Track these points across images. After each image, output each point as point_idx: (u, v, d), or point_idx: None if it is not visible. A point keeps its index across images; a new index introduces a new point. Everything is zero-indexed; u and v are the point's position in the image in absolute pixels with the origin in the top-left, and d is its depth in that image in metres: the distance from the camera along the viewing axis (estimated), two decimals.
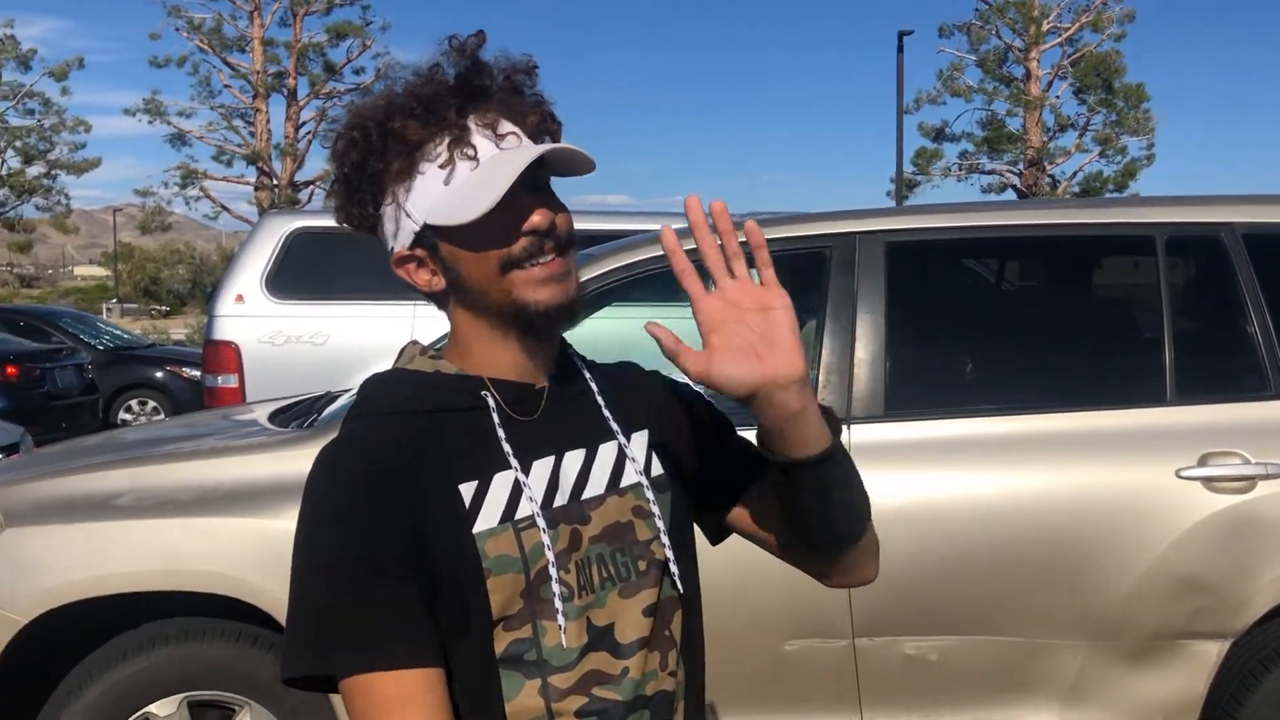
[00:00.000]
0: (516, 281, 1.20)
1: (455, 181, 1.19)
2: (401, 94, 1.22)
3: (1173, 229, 3.13)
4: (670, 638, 1.29)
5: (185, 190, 25.99)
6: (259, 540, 2.88)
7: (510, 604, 1.19)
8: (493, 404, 1.25)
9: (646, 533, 1.28)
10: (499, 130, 1.21)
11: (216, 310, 6.54)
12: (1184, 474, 2.87)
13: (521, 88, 1.26)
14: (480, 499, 1.20)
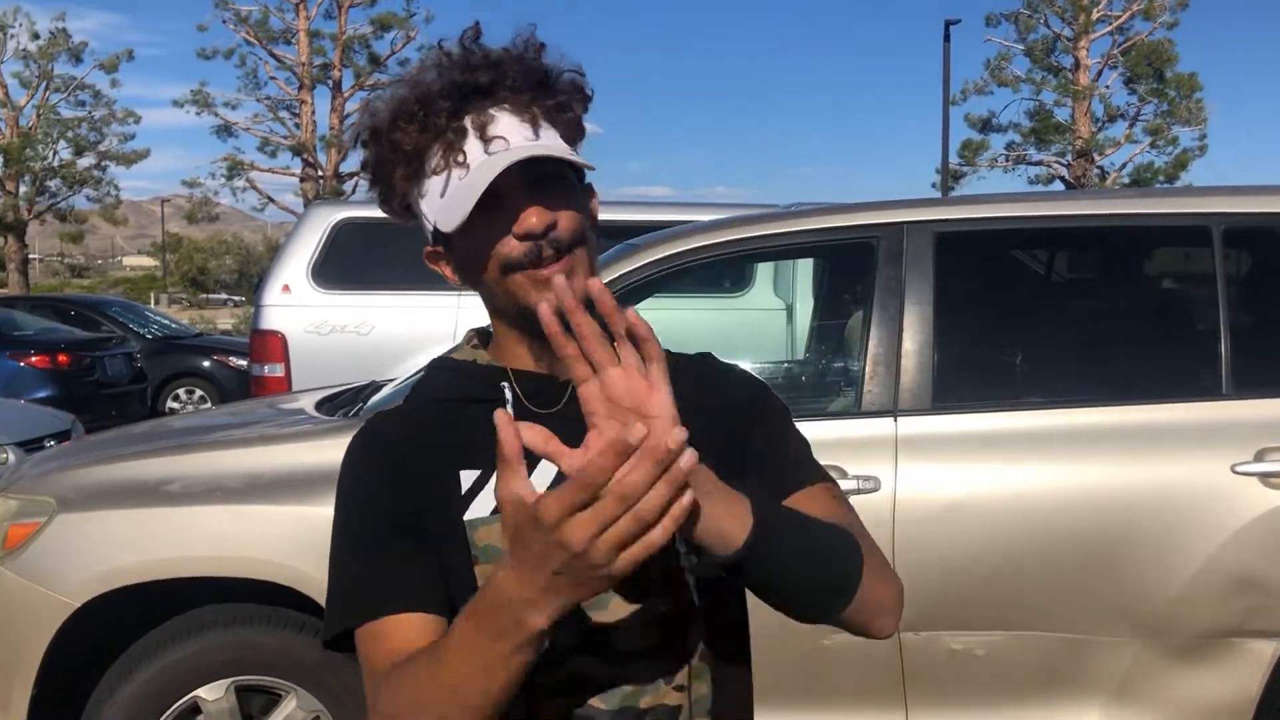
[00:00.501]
0: (517, 284, 1.19)
1: (449, 188, 1.19)
2: (405, 96, 1.21)
3: (1229, 219, 3.06)
4: (684, 651, 1.22)
5: (232, 181, 26.29)
6: (305, 527, 2.90)
7: None
8: (509, 395, 1.25)
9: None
10: (488, 133, 1.18)
11: (263, 300, 6.60)
12: (1240, 469, 2.81)
13: (521, 79, 1.22)
14: (479, 488, 1.22)
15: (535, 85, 1.22)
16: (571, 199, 1.21)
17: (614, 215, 6.97)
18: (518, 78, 1.21)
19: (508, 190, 1.16)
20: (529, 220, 1.16)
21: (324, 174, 26.36)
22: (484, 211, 1.16)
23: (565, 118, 1.24)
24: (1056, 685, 2.87)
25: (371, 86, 26.84)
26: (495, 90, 1.20)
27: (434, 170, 1.19)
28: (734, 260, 3.42)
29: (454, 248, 1.24)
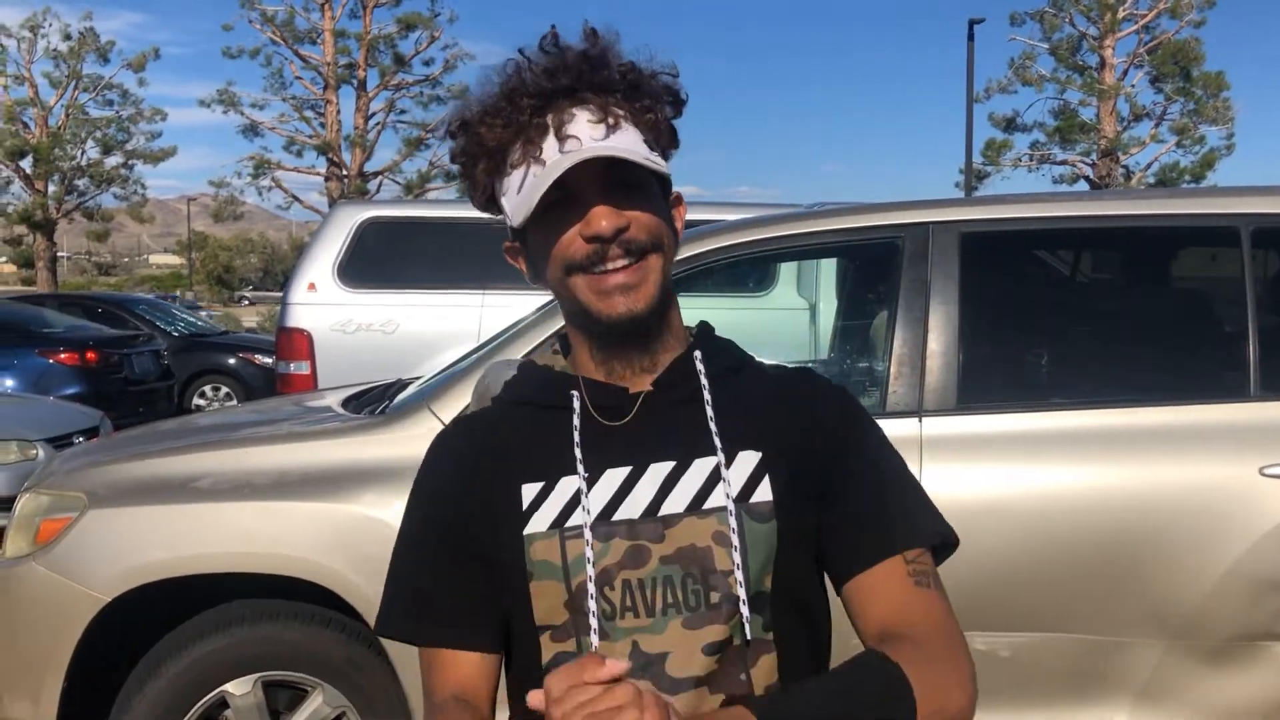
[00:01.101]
0: (579, 287, 1.19)
1: (524, 183, 1.19)
2: (494, 93, 1.22)
3: (1258, 220, 3.04)
4: (745, 682, 1.17)
5: (257, 180, 26.44)
6: (332, 524, 2.93)
7: (554, 613, 1.20)
8: (576, 405, 1.24)
9: (726, 563, 1.18)
10: (564, 131, 1.18)
11: (290, 298, 6.66)
12: (1268, 471, 2.79)
13: (605, 79, 1.21)
14: (539, 501, 1.22)
15: (620, 86, 1.21)
16: (646, 202, 1.20)
17: None
18: (601, 78, 1.21)
19: (582, 190, 1.17)
20: (597, 222, 1.16)
21: (348, 173, 26.47)
22: (556, 210, 1.17)
23: (648, 119, 1.22)
24: (1082, 687, 2.86)
25: (396, 86, 26.96)
26: (578, 90, 1.20)
27: (513, 165, 1.20)
28: (758, 260, 3.42)
29: (530, 245, 1.25)
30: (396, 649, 2.92)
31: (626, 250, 1.17)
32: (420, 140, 27.02)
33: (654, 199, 1.21)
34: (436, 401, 3.08)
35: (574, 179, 1.16)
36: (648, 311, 1.19)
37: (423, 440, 2.98)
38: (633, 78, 1.22)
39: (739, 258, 3.27)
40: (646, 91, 1.23)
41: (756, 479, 1.21)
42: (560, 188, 1.16)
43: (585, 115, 1.19)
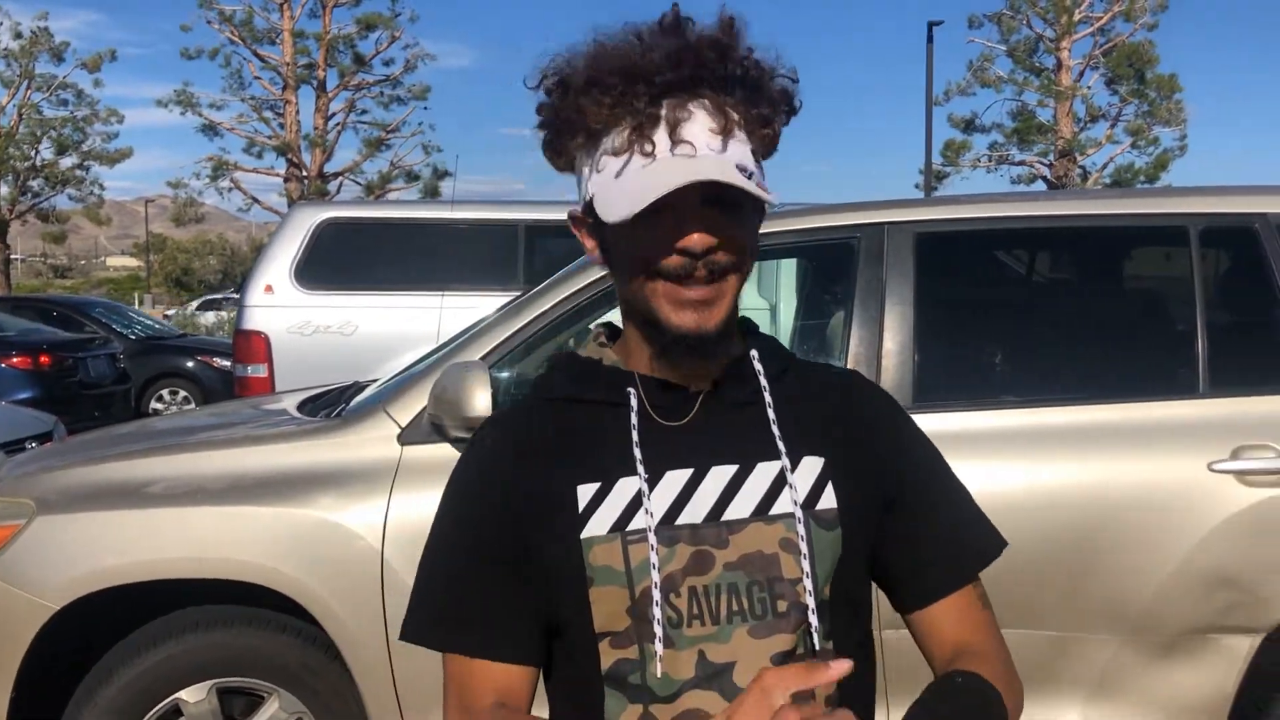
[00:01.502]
0: (657, 293, 1.13)
1: (624, 174, 1.12)
2: (607, 63, 1.12)
3: (1206, 220, 3.09)
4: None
5: (216, 182, 26.17)
6: (288, 529, 2.90)
7: (615, 620, 1.15)
8: (635, 404, 1.20)
9: (795, 571, 1.15)
10: (679, 132, 1.10)
11: (246, 300, 6.60)
12: (1216, 467, 2.83)
13: (728, 76, 1.13)
14: (596, 503, 1.17)
15: (742, 86, 1.14)
16: (741, 223, 1.14)
17: None
18: (724, 75, 1.13)
19: (680, 198, 1.09)
20: (692, 240, 1.10)
21: (308, 174, 26.27)
22: (652, 211, 1.09)
23: (763, 132, 1.16)
24: (1037, 683, 2.89)
25: (356, 86, 26.79)
26: (698, 84, 1.12)
27: (614, 150, 1.13)
28: None
29: (607, 231, 1.16)
30: (354, 654, 2.90)
31: (710, 270, 1.12)
32: (381, 140, 26.88)
33: (747, 218, 1.16)
34: (393, 404, 3.06)
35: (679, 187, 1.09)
36: (715, 330, 1.15)
37: (378, 444, 3.00)
38: (755, 76, 1.14)
39: None
40: (766, 96, 1.15)
41: (821, 485, 1.19)
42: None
43: (703, 116, 1.11)
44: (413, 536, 2.89)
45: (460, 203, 7.09)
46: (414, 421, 3.00)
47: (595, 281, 3.12)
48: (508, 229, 6.82)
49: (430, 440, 2.97)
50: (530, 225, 6.84)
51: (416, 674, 2.92)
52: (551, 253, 6.37)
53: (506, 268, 6.50)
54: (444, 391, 2.82)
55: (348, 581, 2.90)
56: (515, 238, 6.74)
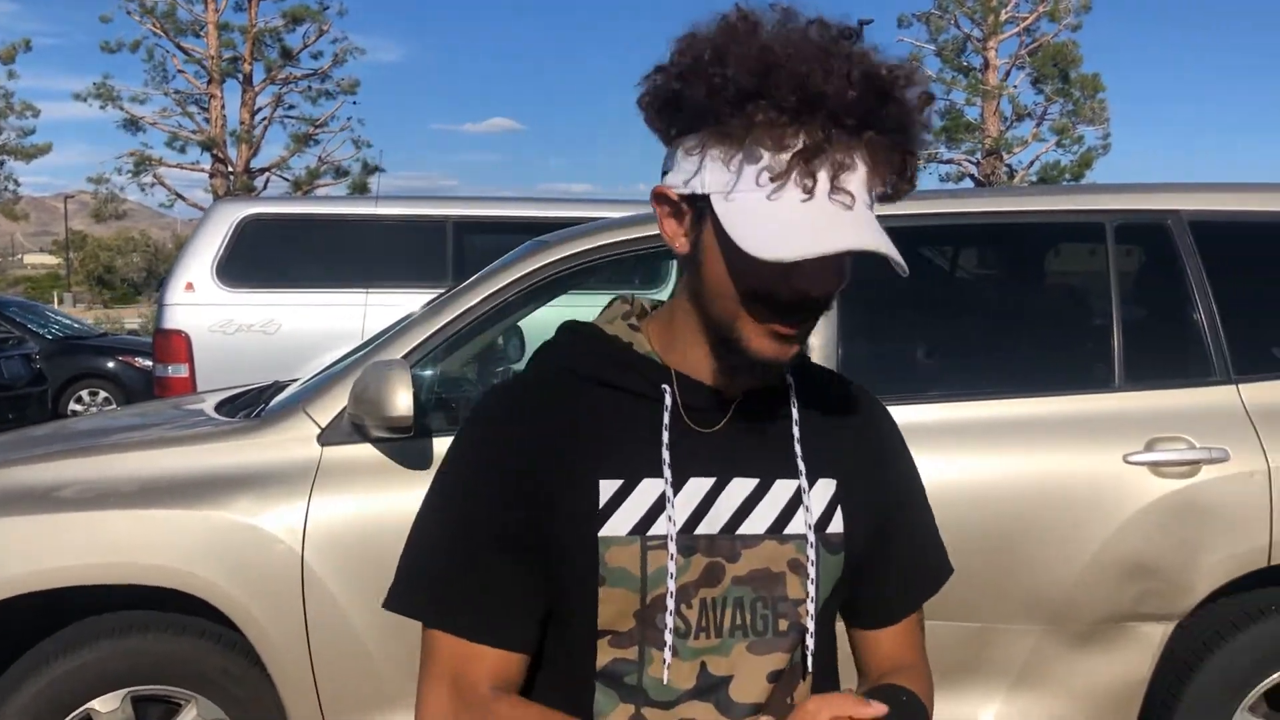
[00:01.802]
0: (748, 317, 1.07)
1: (771, 201, 1.02)
2: (788, 59, 1.01)
3: (1121, 216, 3.15)
4: (789, 706, 1.14)
5: (139, 177, 25.57)
6: (204, 532, 2.84)
7: (620, 620, 1.13)
8: (669, 402, 1.15)
9: (799, 591, 1.15)
10: (840, 180, 1.02)
11: (166, 299, 6.46)
12: (1131, 459, 2.89)
13: (896, 121, 1.04)
14: (618, 502, 1.13)
15: (900, 129, 1.05)
16: (847, 272, 1.09)
17: (532, 211, 6.96)
18: (896, 119, 1.04)
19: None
20: (814, 286, 1.05)
21: (234, 170, 25.78)
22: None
23: (907, 186, 1.09)
24: (959, 674, 2.93)
25: (283, 80, 26.34)
26: (865, 128, 1.03)
27: (771, 171, 1.02)
28: (643, 257, 3.42)
29: (717, 229, 1.07)
30: (275, 658, 2.85)
31: (812, 310, 1.09)
32: (309, 136, 26.45)
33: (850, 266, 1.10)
34: (313, 404, 3.01)
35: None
36: (790, 362, 1.13)
37: (298, 444, 2.95)
38: (918, 122, 1.06)
39: (624, 255, 3.25)
40: (914, 137, 1.07)
41: (832, 509, 1.18)
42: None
43: (863, 168, 1.03)
44: (333, 538, 2.85)
45: (386, 198, 7.00)
46: (334, 422, 2.94)
47: (521, 279, 3.09)
48: (435, 225, 6.75)
49: (351, 441, 2.92)
50: (459, 221, 6.77)
51: (339, 678, 2.87)
52: (481, 249, 6.31)
53: (434, 264, 6.42)
54: (364, 391, 2.77)
55: (267, 585, 2.84)
56: (443, 233, 6.67)
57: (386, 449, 2.91)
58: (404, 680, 2.88)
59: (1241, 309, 3.06)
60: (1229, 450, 2.89)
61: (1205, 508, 2.87)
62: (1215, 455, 2.89)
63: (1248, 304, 3.11)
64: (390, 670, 2.86)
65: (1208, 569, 2.87)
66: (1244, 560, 2.89)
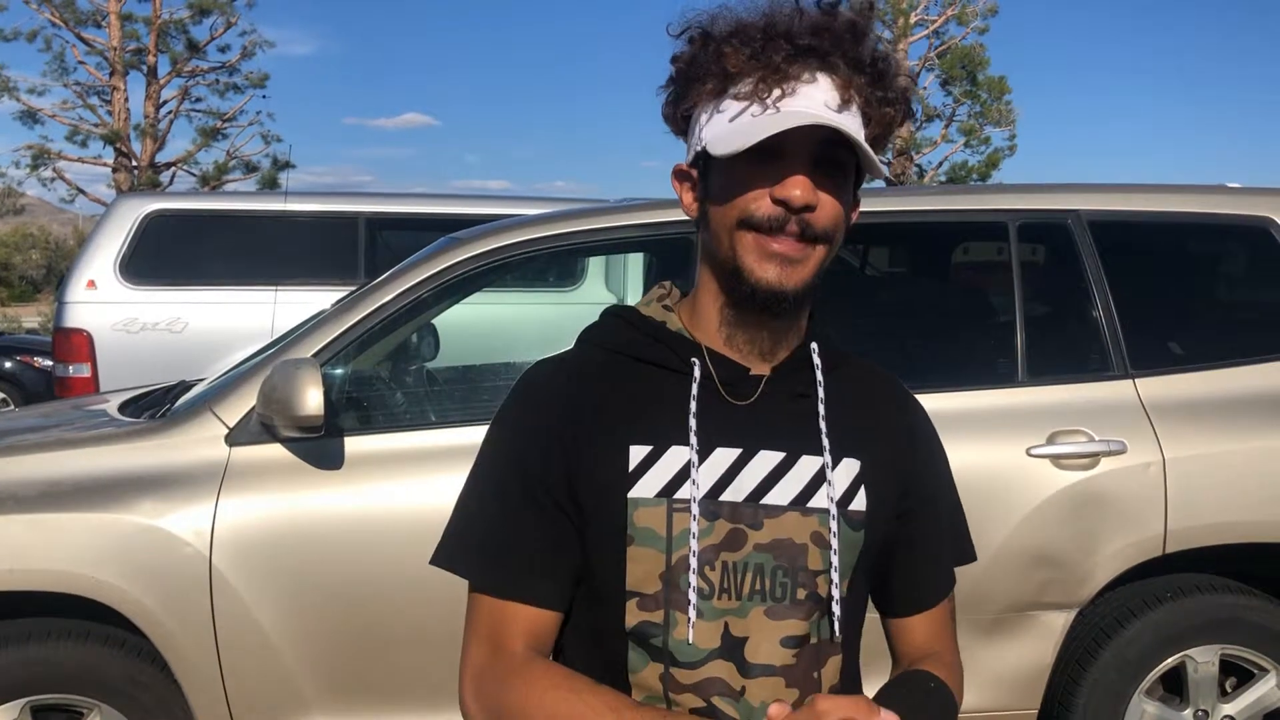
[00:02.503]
0: (745, 243, 1.16)
1: (740, 117, 1.16)
2: (752, 22, 1.18)
3: (1024, 216, 3.24)
4: (816, 680, 1.21)
5: (37, 171, 24.72)
6: (107, 536, 2.77)
7: (647, 581, 1.18)
8: (698, 375, 1.22)
9: (819, 563, 1.20)
10: (804, 89, 1.16)
11: (67, 297, 6.26)
12: (1034, 452, 2.97)
13: (860, 59, 1.18)
14: (646, 466, 1.19)
15: (869, 72, 1.19)
16: (842, 196, 1.18)
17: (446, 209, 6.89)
18: (857, 56, 1.18)
19: (791, 152, 1.14)
20: (792, 190, 1.14)
21: (139, 164, 25.08)
22: (758, 160, 1.14)
23: (880, 113, 1.20)
24: (869, 664, 2.98)
25: (190, 73, 25.69)
26: (831, 56, 1.17)
27: (737, 95, 1.17)
28: (556, 255, 3.43)
29: (710, 179, 1.21)
30: (183, 664, 2.79)
31: (801, 230, 1.15)
32: (217, 130, 25.83)
33: (846, 192, 1.20)
34: (220, 404, 2.95)
35: (789, 139, 1.13)
36: (794, 292, 1.18)
37: (204, 445, 2.89)
38: (883, 67, 1.20)
39: (538, 253, 3.25)
40: (889, 86, 1.20)
41: (855, 487, 1.24)
42: (774, 139, 1.13)
43: (829, 84, 1.17)
44: (242, 540, 2.79)
45: (296, 194, 6.87)
46: (242, 422, 2.89)
47: (433, 276, 3.07)
48: (347, 221, 6.65)
49: (260, 441, 2.87)
50: (372, 218, 6.68)
51: (249, 683, 2.82)
52: (394, 246, 6.24)
53: (346, 261, 6.33)
54: (273, 390, 2.73)
55: (174, 589, 2.78)
56: (355, 230, 6.58)
57: (297, 449, 2.86)
58: (316, 683, 2.84)
59: (1138, 305, 3.17)
60: (1126, 443, 2.99)
61: (1103, 498, 2.97)
62: (1113, 448, 2.99)
63: (1144, 300, 3.22)
64: (302, 673, 2.82)
65: (1106, 559, 2.97)
66: (1140, 549, 2.99)
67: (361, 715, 2.88)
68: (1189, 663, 3.06)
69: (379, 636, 2.85)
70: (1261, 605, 3.08)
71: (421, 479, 2.89)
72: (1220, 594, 3.09)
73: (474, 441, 2.85)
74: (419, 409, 3.47)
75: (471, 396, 3.95)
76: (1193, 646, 3.05)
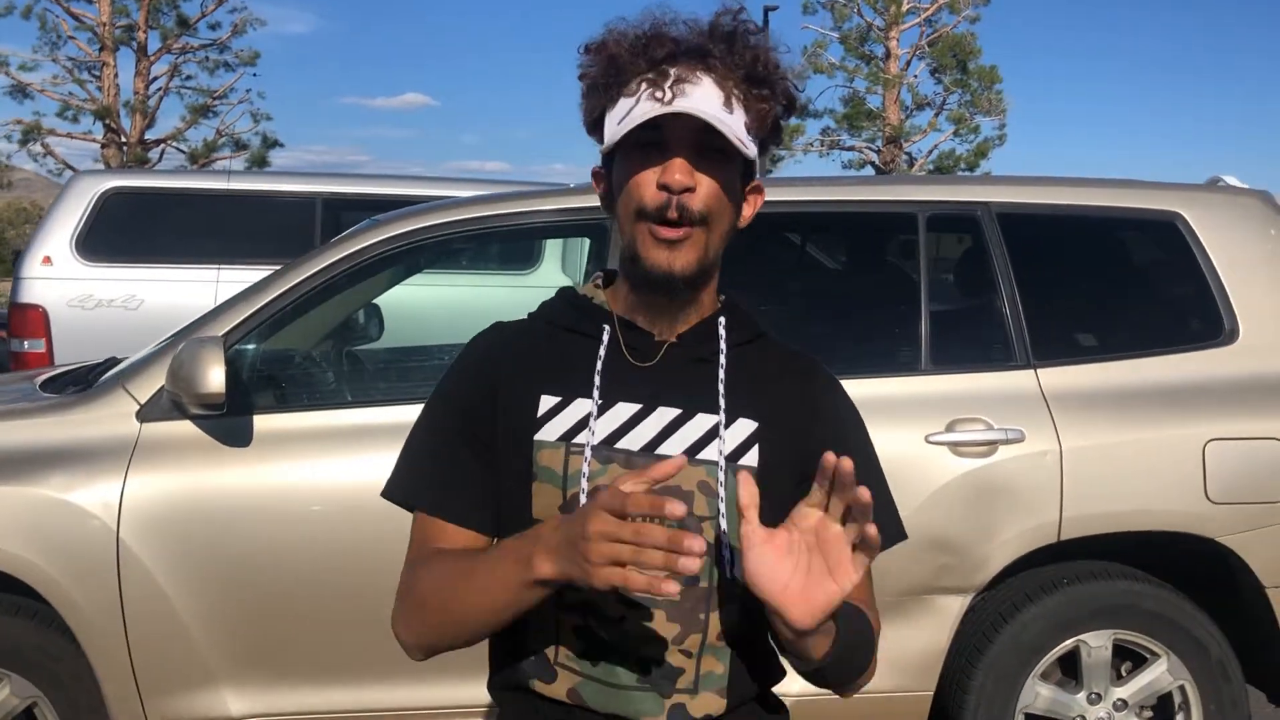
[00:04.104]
0: (640, 232, 1.29)
1: (628, 113, 1.28)
2: (644, 29, 1.31)
3: (934, 207, 3.28)
4: (703, 621, 1.30)
5: (27, 146, 24.65)
6: (17, 508, 2.82)
7: (548, 513, 1.29)
8: (606, 339, 1.36)
9: (705, 510, 1.30)
10: (682, 86, 1.27)
11: (23, 272, 6.29)
12: (933, 439, 3.03)
13: (738, 58, 1.29)
14: (554, 413, 1.33)
15: (748, 69, 1.30)
16: (724, 179, 1.29)
17: (406, 190, 6.91)
18: (736, 55, 1.30)
19: (675, 144, 1.27)
20: (672, 173, 1.26)
21: (128, 140, 25.03)
22: (644, 152, 1.28)
23: (760, 108, 1.31)
24: None
25: (180, 50, 25.61)
26: (709, 55, 1.29)
27: (627, 94, 1.29)
28: (479, 236, 3.47)
29: (612, 174, 1.35)
30: (89, 636, 2.84)
31: (680, 213, 1.26)
32: (207, 107, 25.77)
33: (730, 177, 1.31)
34: (132, 381, 3.00)
35: (671, 131, 1.26)
36: (683, 274, 1.29)
37: (115, 420, 2.94)
38: (761, 70, 1.31)
39: (457, 235, 3.28)
40: (767, 85, 1.31)
41: (748, 445, 1.34)
42: (656, 133, 1.26)
43: (708, 80, 1.28)
44: (150, 515, 2.84)
45: (242, 173, 6.89)
46: (154, 398, 2.94)
47: (347, 257, 3.11)
48: (304, 201, 6.68)
49: (170, 417, 2.92)
50: (329, 198, 6.71)
51: (156, 656, 2.87)
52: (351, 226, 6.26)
53: (302, 241, 6.34)
54: (180, 367, 2.77)
55: (81, 562, 2.83)
56: (313, 210, 6.61)
57: (205, 426, 2.91)
58: (222, 657, 2.90)
59: (1042, 297, 3.21)
60: (1024, 431, 3.05)
61: (1000, 485, 3.02)
62: (1011, 436, 3.04)
63: (1050, 292, 3.27)
64: (208, 646, 2.88)
65: (1002, 544, 3.03)
66: (1036, 536, 3.04)
67: (269, 690, 2.94)
68: (1083, 647, 3.12)
69: (283, 612, 2.90)
70: (1154, 592, 3.14)
71: (328, 458, 2.94)
72: (1114, 580, 3.15)
73: (387, 421, 2.92)
74: (331, 389, 3.51)
75: (391, 377, 4.00)
76: (1086, 631, 3.11)
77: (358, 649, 2.90)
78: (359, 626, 2.87)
